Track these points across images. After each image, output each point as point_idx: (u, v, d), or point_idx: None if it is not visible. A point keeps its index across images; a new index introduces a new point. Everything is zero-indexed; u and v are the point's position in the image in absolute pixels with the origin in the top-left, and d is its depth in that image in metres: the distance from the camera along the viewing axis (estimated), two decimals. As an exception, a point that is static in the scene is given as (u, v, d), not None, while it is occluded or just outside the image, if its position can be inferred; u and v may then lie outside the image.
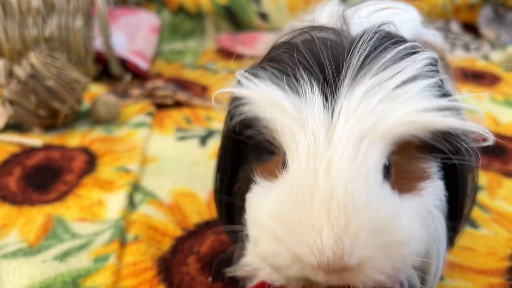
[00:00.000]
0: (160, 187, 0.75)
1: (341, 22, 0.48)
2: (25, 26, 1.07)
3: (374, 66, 0.39)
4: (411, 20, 0.56)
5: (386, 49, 0.40)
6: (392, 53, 0.40)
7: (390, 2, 0.56)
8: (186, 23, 1.60)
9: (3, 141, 0.89)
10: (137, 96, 1.09)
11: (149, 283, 0.56)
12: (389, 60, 0.39)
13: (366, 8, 0.53)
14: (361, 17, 0.50)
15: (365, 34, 0.41)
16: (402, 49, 0.40)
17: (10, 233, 0.64)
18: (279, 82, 0.40)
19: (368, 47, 0.40)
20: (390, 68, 0.39)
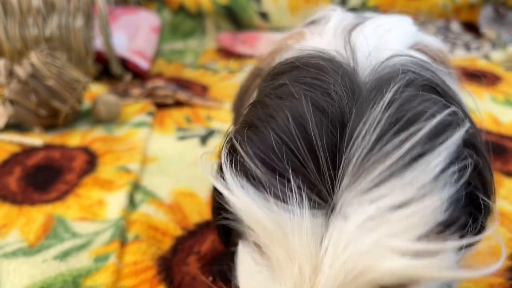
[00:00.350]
0: (161, 186, 0.75)
1: (348, 55, 0.41)
2: (26, 26, 1.07)
3: (376, 170, 0.30)
4: (409, 32, 0.50)
5: (402, 132, 0.31)
6: (409, 144, 0.31)
7: (385, 17, 0.52)
8: (186, 23, 1.60)
9: (4, 140, 0.89)
10: (137, 95, 1.09)
11: (150, 283, 0.56)
12: (398, 162, 0.30)
13: (368, 27, 0.46)
14: (368, 40, 0.43)
15: (377, 94, 0.33)
16: (426, 133, 0.31)
17: (10, 233, 0.64)
18: (263, 189, 0.32)
19: (378, 129, 0.31)
20: (401, 176, 0.30)
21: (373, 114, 0.32)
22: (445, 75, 0.43)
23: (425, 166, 0.30)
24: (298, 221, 0.31)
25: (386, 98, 0.32)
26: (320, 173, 0.32)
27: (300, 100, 0.34)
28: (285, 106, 0.34)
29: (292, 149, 0.32)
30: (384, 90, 0.33)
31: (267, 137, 0.33)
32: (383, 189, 0.30)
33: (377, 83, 0.35)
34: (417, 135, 0.31)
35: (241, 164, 0.34)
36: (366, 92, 0.34)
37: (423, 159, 0.30)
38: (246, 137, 0.34)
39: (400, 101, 0.32)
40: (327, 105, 0.34)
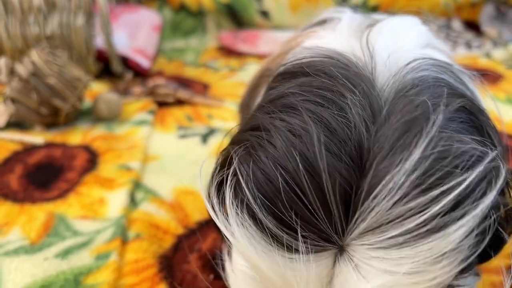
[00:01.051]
0: (162, 185, 0.75)
1: (366, 59, 0.37)
2: (27, 24, 1.07)
3: (395, 233, 0.28)
4: (423, 32, 0.48)
5: (426, 194, 0.28)
6: (431, 212, 0.28)
7: (397, 17, 0.50)
8: (187, 21, 1.60)
9: (5, 139, 0.89)
10: (138, 94, 1.09)
11: (151, 281, 0.56)
12: (422, 225, 0.28)
13: (385, 27, 0.43)
14: (386, 42, 0.40)
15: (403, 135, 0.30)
16: (452, 200, 0.28)
17: (12, 231, 0.64)
18: (266, 236, 0.30)
19: (402, 191, 0.28)
20: (416, 245, 0.28)
21: (401, 171, 0.28)
22: (463, 75, 0.42)
23: (444, 239, 0.28)
24: (304, 274, 0.30)
25: (418, 150, 0.29)
26: (331, 222, 0.30)
27: (309, 128, 0.31)
28: (290, 135, 0.31)
29: (300, 196, 0.29)
30: (417, 131, 0.30)
31: (273, 178, 0.30)
32: (397, 253, 0.28)
33: (403, 107, 0.32)
34: (441, 202, 0.28)
35: (247, 205, 0.31)
36: (391, 122, 0.31)
37: (443, 231, 0.28)
38: (251, 174, 0.31)
39: (433, 157, 0.29)
40: (343, 133, 0.31)
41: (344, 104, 0.32)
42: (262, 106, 0.36)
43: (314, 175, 0.29)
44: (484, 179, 0.30)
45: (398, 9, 1.49)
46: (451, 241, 0.28)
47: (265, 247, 0.30)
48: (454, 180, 0.28)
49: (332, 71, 0.35)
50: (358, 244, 0.30)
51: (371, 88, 0.34)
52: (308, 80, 0.35)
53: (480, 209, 0.29)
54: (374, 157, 0.30)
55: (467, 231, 0.28)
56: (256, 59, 1.35)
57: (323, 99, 0.33)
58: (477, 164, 0.30)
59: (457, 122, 0.34)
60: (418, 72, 0.36)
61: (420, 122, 0.30)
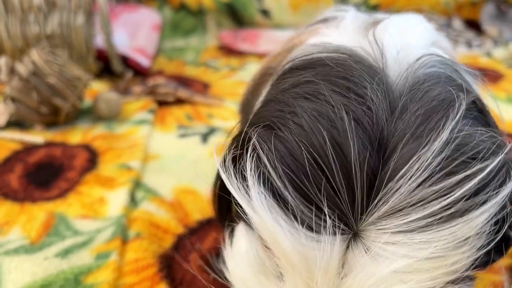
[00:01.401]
0: (162, 184, 0.75)
1: (376, 54, 0.37)
2: (27, 23, 1.07)
3: (417, 216, 0.28)
4: (429, 29, 0.48)
5: (451, 177, 0.28)
6: (455, 196, 0.28)
7: (401, 15, 0.50)
8: (187, 20, 1.60)
9: (5, 138, 0.89)
10: (138, 93, 1.09)
11: (151, 280, 0.56)
12: (445, 208, 0.28)
13: (392, 24, 0.43)
14: (394, 38, 0.40)
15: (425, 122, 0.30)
16: (475, 184, 0.28)
17: (12, 230, 0.64)
18: (291, 215, 0.30)
19: (426, 173, 0.28)
20: (438, 229, 0.28)
21: (428, 152, 0.28)
22: (466, 74, 0.42)
23: (467, 223, 0.28)
24: (327, 259, 0.29)
25: (445, 132, 0.29)
26: (354, 204, 0.29)
27: (335, 110, 0.30)
28: (318, 115, 0.30)
29: (327, 175, 0.29)
30: (442, 115, 0.30)
31: (298, 152, 0.29)
32: (419, 236, 0.28)
33: (424, 95, 0.32)
34: (465, 186, 0.28)
35: (268, 179, 0.30)
36: (412, 109, 0.31)
37: (467, 216, 0.28)
38: (273, 147, 0.30)
39: (458, 140, 0.29)
40: (365, 119, 0.30)
41: (363, 93, 0.32)
42: (275, 96, 0.35)
43: (342, 153, 0.29)
44: (503, 167, 0.30)
45: (399, 8, 1.49)
46: (474, 226, 0.28)
47: (288, 224, 0.29)
48: (477, 166, 0.29)
49: (347, 62, 0.35)
50: (375, 230, 0.29)
51: (386, 80, 0.34)
52: (324, 70, 0.35)
53: (501, 196, 0.29)
54: (397, 142, 0.30)
55: (489, 217, 0.28)
56: (256, 58, 1.35)
57: (343, 88, 0.32)
58: (497, 153, 0.30)
59: (474, 112, 0.34)
60: (427, 68, 0.37)
61: (442, 110, 0.31)
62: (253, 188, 0.30)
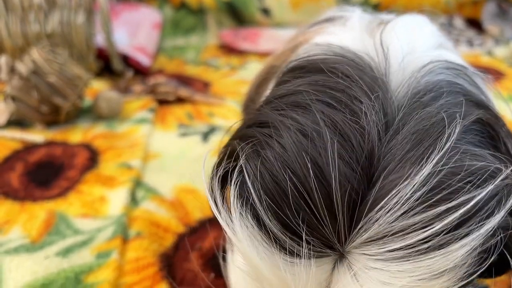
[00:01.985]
0: (163, 183, 0.75)
1: (380, 60, 0.36)
2: (27, 22, 1.07)
3: (396, 246, 0.28)
4: (434, 31, 0.47)
5: (431, 209, 0.27)
6: (434, 229, 0.27)
7: (407, 16, 0.49)
8: (188, 19, 1.60)
9: (5, 137, 0.88)
10: (139, 92, 1.09)
11: (152, 279, 0.56)
12: (423, 241, 0.27)
13: (398, 26, 0.42)
14: (400, 42, 0.39)
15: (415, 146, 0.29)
16: (457, 218, 0.27)
17: (13, 229, 0.64)
18: (270, 239, 0.30)
19: (407, 205, 0.28)
20: (416, 261, 0.28)
21: (408, 186, 0.28)
22: (477, 78, 0.41)
23: (442, 257, 0.28)
24: (303, 278, 0.30)
25: (428, 166, 0.28)
26: (335, 230, 0.29)
27: (321, 130, 0.30)
28: (301, 136, 0.30)
29: (307, 202, 0.29)
30: (429, 145, 0.29)
31: (282, 181, 0.29)
32: (396, 266, 0.28)
33: (418, 118, 0.31)
34: (446, 220, 0.27)
35: (252, 206, 0.30)
36: (404, 133, 0.30)
37: (445, 249, 0.27)
38: (259, 175, 0.30)
39: (442, 174, 0.28)
40: (355, 138, 0.30)
41: (358, 109, 0.31)
42: (271, 101, 0.35)
43: (323, 182, 0.29)
44: (494, 197, 0.29)
45: (399, 7, 1.48)
46: (452, 260, 0.28)
47: (267, 249, 0.30)
48: (462, 198, 0.28)
49: (347, 71, 0.34)
50: (358, 253, 0.29)
51: (385, 93, 0.33)
52: (321, 79, 0.34)
53: (485, 229, 0.28)
54: (383, 168, 0.29)
55: (469, 250, 0.28)
56: (257, 57, 1.35)
57: (337, 101, 0.32)
58: (489, 182, 0.29)
59: (473, 134, 0.33)
60: (433, 76, 0.36)
61: (434, 135, 0.30)
62: (234, 213, 0.31)
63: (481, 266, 0.29)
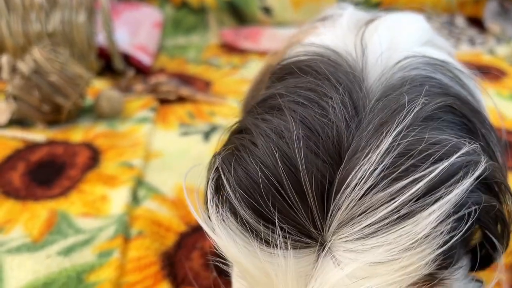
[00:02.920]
0: (164, 182, 0.75)
1: (358, 55, 0.38)
2: (28, 21, 1.07)
3: (368, 222, 0.29)
4: (423, 28, 0.47)
5: (396, 183, 0.28)
6: (400, 200, 0.28)
7: (398, 14, 0.50)
8: (189, 18, 1.60)
9: (7, 136, 0.89)
10: (140, 91, 1.09)
11: (153, 278, 0.56)
12: (392, 212, 0.28)
13: (383, 24, 0.43)
14: (381, 38, 0.40)
15: (380, 127, 0.31)
16: (422, 188, 0.28)
17: (14, 228, 0.64)
18: (246, 231, 0.31)
19: (372, 179, 0.29)
20: (388, 232, 0.28)
21: (369, 161, 0.29)
22: (461, 74, 0.41)
23: (414, 225, 0.28)
24: (283, 267, 0.30)
25: (387, 140, 0.29)
26: (309, 214, 0.30)
27: (289, 126, 0.31)
28: (271, 133, 0.32)
29: (279, 190, 0.30)
30: (389, 123, 0.30)
31: (253, 173, 0.31)
32: (371, 241, 0.29)
33: (383, 105, 0.32)
34: (411, 189, 0.28)
35: (228, 200, 0.32)
36: (369, 118, 0.32)
37: (413, 218, 0.28)
38: (232, 170, 0.32)
39: (402, 146, 0.29)
40: (324, 131, 0.31)
41: (325, 104, 0.32)
42: (252, 109, 0.37)
43: (292, 170, 0.30)
44: (460, 169, 0.30)
45: (400, 6, 1.48)
46: (424, 226, 0.28)
47: (245, 241, 0.31)
48: (425, 170, 0.29)
49: (320, 69, 0.35)
50: (336, 239, 0.30)
51: (358, 87, 0.34)
52: (294, 81, 0.36)
53: (454, 194, 0.28)
54: (349, 154, 0.31)
55: (441, 216, 0.28)
56: (258, 56, 1.35)
57: (307, 100, 0.33)
58: (451, 155, 0.30)
59: (440, 121, 0.33)
60: (408, 71, 0.36)
61: (393, 119, 0.31)
62: (211, 211, 0.32)
63: (455, 233, 0.29)
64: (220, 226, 0.31)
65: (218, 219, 0.32)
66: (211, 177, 0.34)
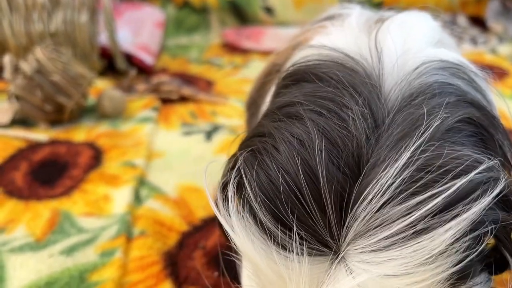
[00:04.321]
0: (166, 181, 0.75)
1: (374, 61, 0.37)
2: (31, 21, 1.07)
3: (384, 235, 0.29)
4: (434, 28, 0.47)
5: (414, 198, 0.29)
6: (416, 215, 0.28)
7: (407, 13, 0.49)
8: (191, 18, 1.60)
9: (9, 136, 0.89)
10: (142, 91, 1.09)
11: (156, 278, 0.56)
12: (408, 227, 0.28)
13: (394, 25, 0.42)
14: (395, 41, 0.39)
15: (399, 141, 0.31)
16: (438, 204, 0.28)
17: (17, 228, 0.64)
18: (264, 234, 0.31)
19: (389, 193, 0.29)
20: (404, 246, 0.28)
21: (387, 175, 0.29)
22: (475, 76, 0.41)
23: (430, 241, 0.28)
24: (297, 272, 0.31)
25: (405, 154, 0.29)
26: (326, 224, 0.30)
27: (311, 136, 0.32)
28: (294, 141, 0.32)
29: (299, 198, 0.30)
30: (407, 137, 0.31)
31: (275, 179, 0.31)
32: (385, 254, 0.29)
33: (403, 118, 0.32)
34: (429, 204, 0.28)
35: (248, 202, 0.32)
36: (389, 132, 0.32)
37: (429, 234, 0.28)
38: (255, 174, 0.32)
39: (421, 161, 0.29)
40: (343, 143, 0.31)
41: (345, 116, 0.33)
42: (269, 113, 0.37)
43: (313, 179, 0.30)
44: (479, 186, 0.29)
45: (403, 5, 1.48)
46: (440, 243, 0.28)
47: (262, 243, 0.32)
48: (443, 185, 0.29)
49: (337, 77, 0.35)
50: (351, 249, 0.30)
51: (376, 98, 0.34)
52: (312, 89, 0.36)
53: (472, 212, 0.28)
54: (368, 165, 0.31)
55: (458, 233, 0.28)
56: (260, 55, 1.35)
57: (326, 110, 0.33)
58: (470, 171, 0.29)
59: (460, 134, 0.33)
60: (426, 78, 0.36)
61: (412, 133, 0.31)
62: (232, 210, 0.33)
63: (471, 251, 0.29)
64: (239, 225, 0.32)
65: (238, 218, 0.32)
66: (232, 176, 0.34)
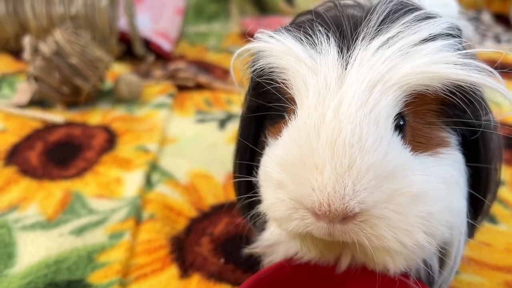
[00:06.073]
0: (178, 167, 0.76)
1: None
2: (52, 4, 1.08)
3: (392, 25, 0.39)
4: (451, 5, 0.56)
5: (404, 13, 0.40)
6: (410, 16, 0.39)
7: None
8: (211, 6, 1.59)
9: (27, 116, 0.90)
10: (159, 77, 1.09)
11: (162, 261, 0.56)
12: (407, 21, 0.39)
13: None
14: None
15: (382, 1, 0.41)
16: (420, 14, 0.40)
17: (30, 206, 0.66)
18: (295, 35, 0.41)
19: (386, 10, 0.40)
20: (408, 28, 0.39)
21: (380, 3, 0.41)
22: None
23: (429, 24, 0.39)
24: (325, 49, 0.39)
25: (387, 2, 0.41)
26: (343, 31, 0.40)
27: (331, 4, 0.44)
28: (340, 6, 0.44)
29: (320, 20, 0.41)
30: (385, 2, 0.41)
31: (302, 17, 0.44)
32: (398, 34, 0.38)
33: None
34: (417, 12, 0.40)
35: (277, 32, 0.42)
36: (376, 3, 0.42)
37: (425, 22, 0.39)
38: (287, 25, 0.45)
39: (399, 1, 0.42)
40: (351, 7, 0.44)
41: (352, 11, 0.44)
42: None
43: (331, 10, 0.43)
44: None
45: None
46: (432, 27, 0.39)
47: (297, 42, 0.40)
48: (420, 10, 0.41)
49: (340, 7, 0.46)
50: (363, 48, 0.38)
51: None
52: (320, 8, 0.46)
53: (446, 20, 0.40)
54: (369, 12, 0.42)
55: (445, 27, 0.39)
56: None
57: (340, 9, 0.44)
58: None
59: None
60: None
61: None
62: (283, 32, 0.42)
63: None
64: (273, 35, 0.42)
65: (271, 34, 0.42)
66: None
